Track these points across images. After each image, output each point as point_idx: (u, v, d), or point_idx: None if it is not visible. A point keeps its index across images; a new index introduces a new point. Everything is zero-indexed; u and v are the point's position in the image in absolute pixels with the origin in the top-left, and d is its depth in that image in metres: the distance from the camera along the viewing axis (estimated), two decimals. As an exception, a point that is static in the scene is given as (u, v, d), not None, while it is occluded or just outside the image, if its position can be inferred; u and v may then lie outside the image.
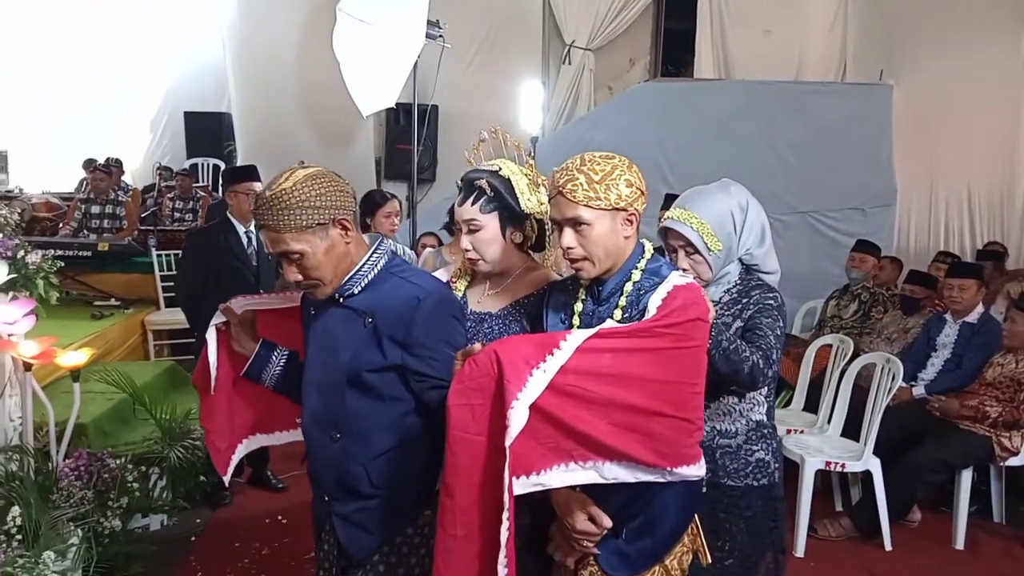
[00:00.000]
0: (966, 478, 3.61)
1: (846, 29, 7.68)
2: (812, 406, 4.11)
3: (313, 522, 1.83)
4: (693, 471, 1.48)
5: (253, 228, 3.64)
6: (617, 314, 1.59)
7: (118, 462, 3.12)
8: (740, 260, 1.96)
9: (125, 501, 2.99)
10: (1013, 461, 3.63)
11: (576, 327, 1.64)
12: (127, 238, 6.30)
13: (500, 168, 1.80)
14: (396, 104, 6.18)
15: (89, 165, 7.35)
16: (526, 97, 7.80)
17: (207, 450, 2.00)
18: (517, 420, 1.31)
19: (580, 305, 1.67)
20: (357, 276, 1.65)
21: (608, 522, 1.51)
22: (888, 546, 3.52)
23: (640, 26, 8.30)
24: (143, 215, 7.13)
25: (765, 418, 1.95)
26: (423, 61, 5.70)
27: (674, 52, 8.51)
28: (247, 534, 3.50)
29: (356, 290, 1.65)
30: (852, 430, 3.71)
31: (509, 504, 1.33)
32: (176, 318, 4.99)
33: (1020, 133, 5.85)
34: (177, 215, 7.30)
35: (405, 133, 6.86)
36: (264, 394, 1.90)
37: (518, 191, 1.78)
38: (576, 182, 1.54)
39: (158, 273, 5.84)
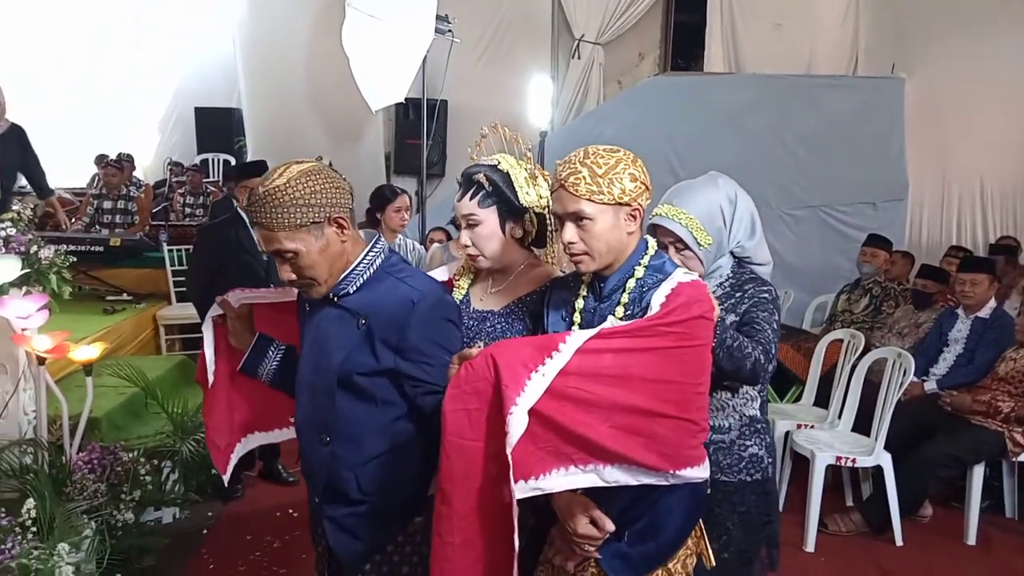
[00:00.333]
0: (978, 473, 3.59)
1: (857, 22, 7.63)
2: (823, 401, 4.10)
3: (310, 519, 1.80)
4: (697, 473, 1.45)
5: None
6: (619, 311, 1.56)
7: (131, 455, 3.14)
8: (732, 253, 1.95)
9: (138, 494, 3.01)
10: (1026, 456, 3.62)
11: (577, 324, 1.61)
12: (139, 233, 6.33)
13: (498, 162, 1.78)
14: (405, 99, 6.19)
15: (101, 161, 7.39)
16: (535, 91, 7.80)
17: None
18: (517, 426, 1.27)
19: (581, 302, 1.64)
20: (352, 275, 1.60)
21: (610, 526, 1.47)
22: (899, 541, 3.51)
23: (650, 20, 8.27)
24: (154, 210, 7.17)
25: (758, 413, 1.93)
26: (432, 56, 5.71)
27: (684, 46, 8.48)
28: (258, 527, 3.52)
29: (351, 289, 1.60)
30: (863, 425, 3.69)
31: (515, 513, 1.29)
32: (188, 313, 5.02)
33: (1033, 127, 5.81)
34: (188, 210, 7.34)
35: (414, 128, 6.87)
36: (262, 390, 1.87)
37: (516, 185, 1.75)
38: (579, 175, 1.50)
39: (169, 268, 5.87)
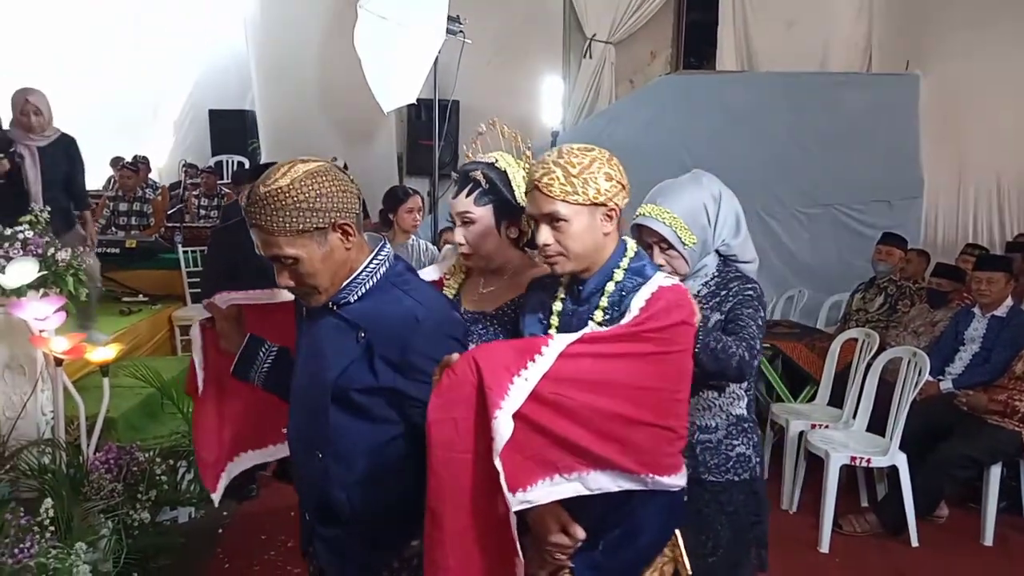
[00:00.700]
0: (995, 474, 3.56)
1: (871, 19, 7.56)
2: (837, 401, 4.07)
3: (300, 536, 1.70)
4: (673, 481, 1.42)
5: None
6: (598, 315, 1.52)
7: (147, 455, 3.16)
8: (717, 252, 1.93)
9: (154, 494, 3.03)
10: (1043, 457, 3.59)
11: (555, 327, 1.57)
12: (154, 235, 6.39)
13: (496, 160, 1.75)
14: (417, 100, 6.19)
15: (117, 163, 7.47)
16: (547, 91, 7.81)
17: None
18: (503, 430, 1.23)
19: (559, 304, 1.59)
20: (354, 283, 1.49)
21: (582, 534, 1.42)
22: (915, 543, 3.48)
23: (661, 19, 8.23)
24: (169, 212, 7.23)
25: (745, 412, 1.92)
26: (444, 57, 5.72)
27: (696, 45, 8.43)
28: (273, 527, 3.53)
29: (352, 299, 1.49)
30: (878, 425, 3.67)
31: (512, 526, 1.24)
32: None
33: (1051, 123, 5.74)
34: (203, 212, 7.39)
35: (426, 129, 6.88)
36: (254, 402, 1.78)
37: (514, 184, 1.71)
38: (552, 175, 1.46)
39: (184, 269, 5.92)
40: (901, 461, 3.46)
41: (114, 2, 8.92)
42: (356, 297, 1.50)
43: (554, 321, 1.59)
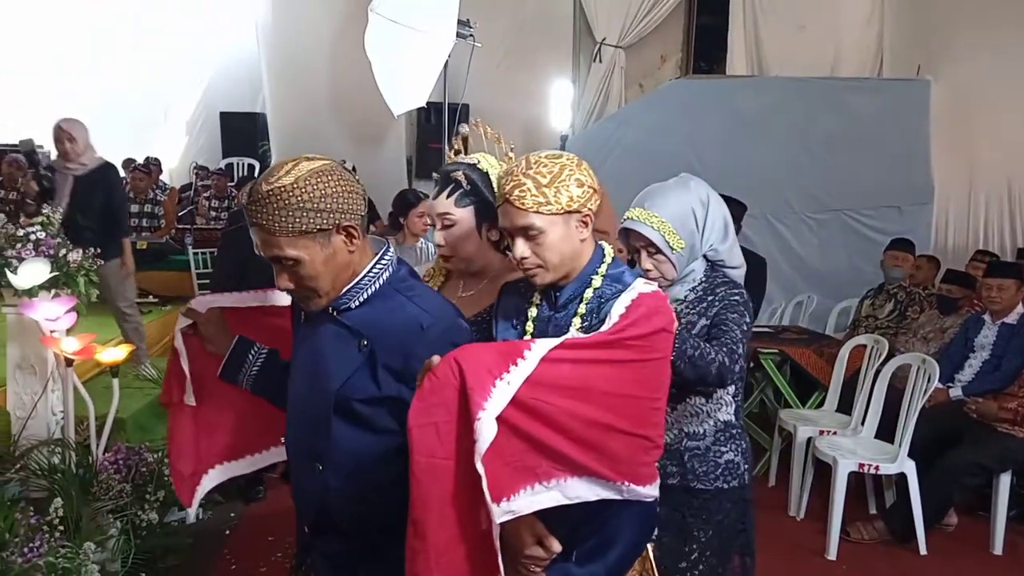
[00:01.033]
0: (1004, 482, 3.54)
1: (882, 23, 7.54)
2: (845, 407, 4.05)
3: (296, 549, 1.63)
4: (648, 491, 1.41)
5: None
6: (576, 322, 1.50)
7: (155, 456, 3.18)
8: (704, 256, 1.92)
9: (162, 494, 3.05)
10: (1054, 465, 3.56)
11: (529, 333, 1.55)
12: (165, 237, 6.43)
13: (478, 161, 1.72)
14: (427, 103, 6.23)
15: (128, 165, 7.51)
16: (556, 95, 7.81)
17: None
18: (485, 433, 1.19)
19: (535, 310, 1.56)
20: (357, 288, 1.42)
21: (557, 546, 1.39)
22: (923, 551, 3.46)
23: (671, 23, 8.23)
24: (180, 214, 7.27)
25: (733, 418, 1.91)
26: (453, 60, 5.74)
27: (706, 48, 8.43)
28: (280, 528, 3.54)
29: (353, 304, 1.42)
30: (886, 432, 3.65)
31: (495, 537, 1.21)
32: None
33: (1063, 129, 5.70)
34: (213, 214, 7.43)
35: (436, 132, 6.90)
36: (234, 413, 1.71)
37: (496, 185, 1.65)
38: (524, 188, 1.43)
39: (195, 271, 5.96)
40: (910, 468, 3.44)
41: (124, 4, 9.00)
42: (358, 303, 1.43)
43: (529, 327, 1.56)
